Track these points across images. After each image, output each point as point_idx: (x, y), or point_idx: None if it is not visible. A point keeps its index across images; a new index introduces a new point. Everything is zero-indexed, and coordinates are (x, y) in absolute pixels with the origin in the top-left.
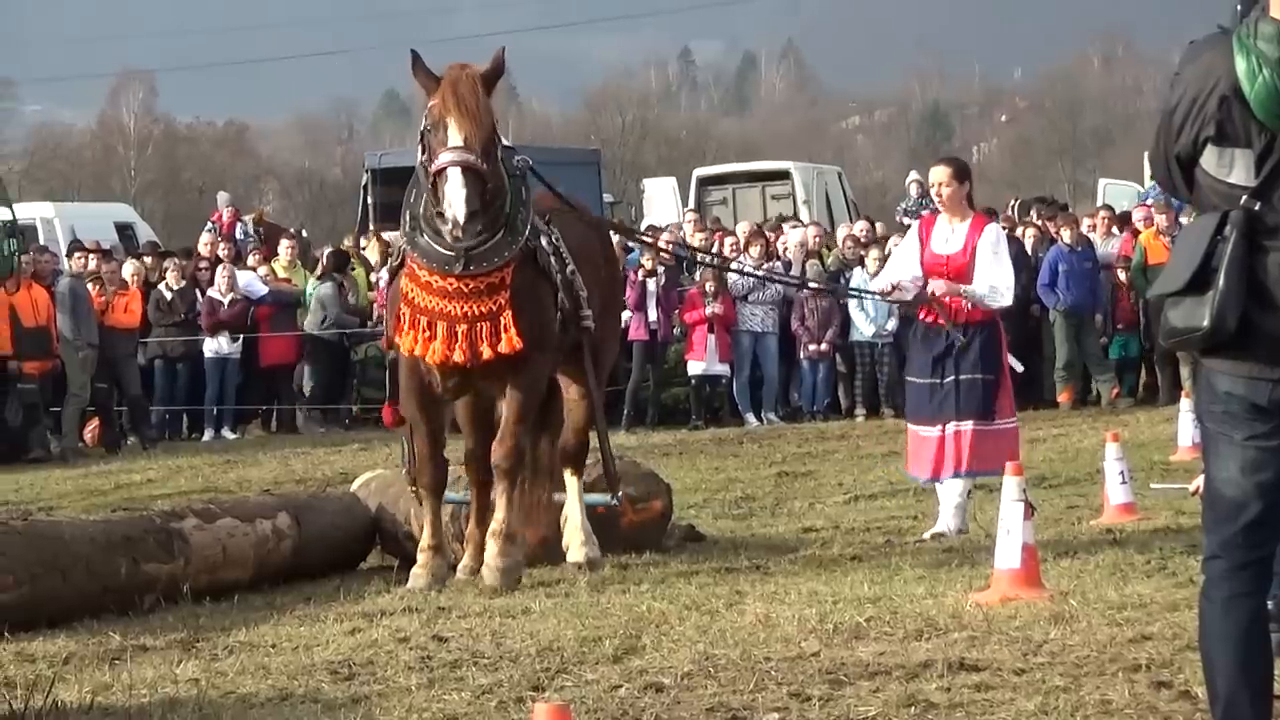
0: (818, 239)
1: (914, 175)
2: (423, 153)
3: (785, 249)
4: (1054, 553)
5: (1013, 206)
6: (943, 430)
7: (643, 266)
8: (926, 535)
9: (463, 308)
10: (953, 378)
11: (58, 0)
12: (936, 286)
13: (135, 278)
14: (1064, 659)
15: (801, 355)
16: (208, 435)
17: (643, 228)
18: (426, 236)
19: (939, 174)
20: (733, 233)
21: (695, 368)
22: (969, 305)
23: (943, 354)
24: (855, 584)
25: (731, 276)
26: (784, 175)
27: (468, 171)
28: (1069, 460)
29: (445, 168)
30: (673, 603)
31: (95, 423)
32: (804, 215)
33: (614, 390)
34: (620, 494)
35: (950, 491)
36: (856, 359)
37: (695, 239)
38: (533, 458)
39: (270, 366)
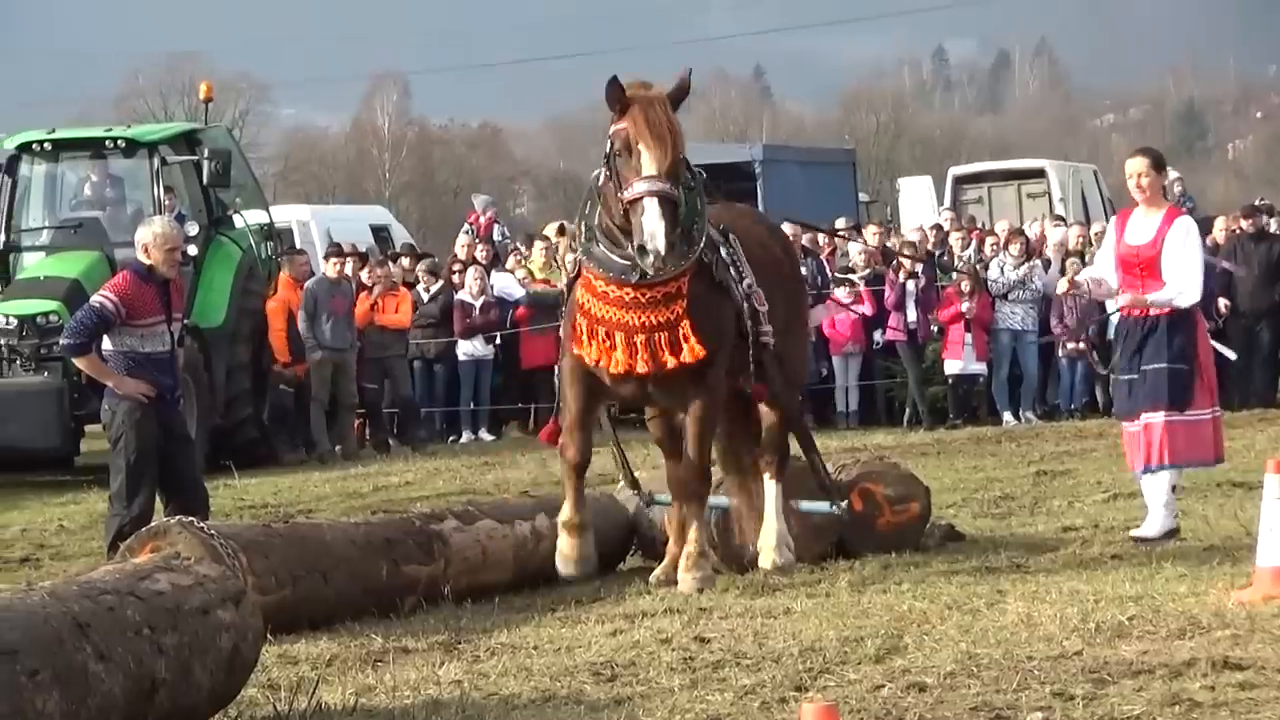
0: (1080, 239)
1: (1174, 174)
2: (608, 173)
3: (1045, 248)
4: None
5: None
6: (1137, 422)
7: (903, 267)
8: (1132, 533)
9: (640, 318)
10: (1147, 367)
11: (311, 4)
12: (1122, 300)
13: (405, 277)
14: None
15: (1059, 354)
16: (465, 437)
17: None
18: (603, 246)
19: (1138, 164)
20: (992, 231)
21: (952, 367)
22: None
23: (1138, 348)
24: (1116, 583)
25: (991, 275)
26: (1039, 174)
27: (665, 202)
28: None
29: (641, 198)
30: (934, 602)
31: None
32: (1059, 213)
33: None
34: (844, 502)
35: (1155, 488)
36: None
37: (953, 238)
38: (745, 468)
39: (530, 368)
